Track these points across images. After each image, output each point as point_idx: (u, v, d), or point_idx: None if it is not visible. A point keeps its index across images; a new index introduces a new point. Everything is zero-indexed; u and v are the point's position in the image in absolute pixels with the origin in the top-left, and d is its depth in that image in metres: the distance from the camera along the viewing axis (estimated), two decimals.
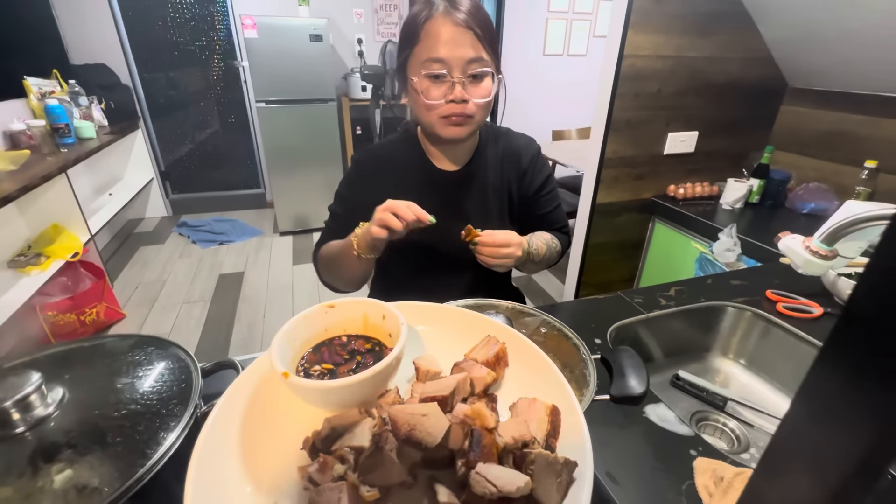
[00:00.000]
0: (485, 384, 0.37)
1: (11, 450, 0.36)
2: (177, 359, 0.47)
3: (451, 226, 0.91)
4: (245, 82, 3.48)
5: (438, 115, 0.80)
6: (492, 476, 0.27)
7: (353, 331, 0.41)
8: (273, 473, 0.31)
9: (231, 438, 0.32)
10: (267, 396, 0.36)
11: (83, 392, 0.41)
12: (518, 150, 0.99)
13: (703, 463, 0.65)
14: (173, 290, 2.62)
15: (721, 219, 1.68)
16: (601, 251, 1.95)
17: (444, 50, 0.74)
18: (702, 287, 1.15)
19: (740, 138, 1.90)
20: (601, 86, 1.65)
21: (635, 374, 0.51)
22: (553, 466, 0.28)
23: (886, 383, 0.12)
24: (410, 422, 0.29)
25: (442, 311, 0.46)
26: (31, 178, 1.85)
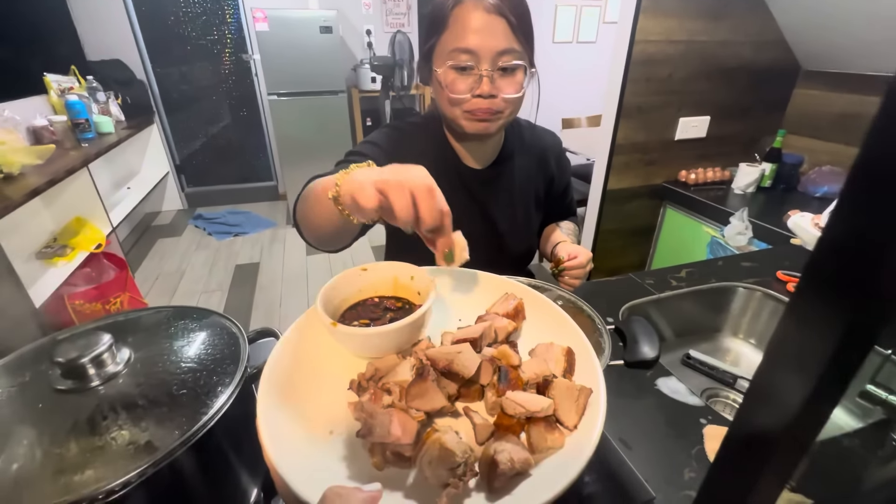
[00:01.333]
0: (506, 332, 0.40)
1: (88, 401, 0.40)
2: (222, 325, 0.51)
3: (476, 228, 0.91)
4: (256, 75, 3.52)
5: (463, 110, 0.75)
6: (520, 399, 0.31)
7: (383, 292, 0.45)
8: (325, 410, 0.35)
9: (286, 381, 0.36)
10: (313, 347, 0.40)
11: (146, 353, 0.45)
12: (544, 151, 0.97)
13: (713, 430, 0.69)
14: (192, 280, 2.69)
15: (732, 203, 1.68)
16: (612, 237, 1.96)
17: (473, 39, 0.68)
18: (713, 269, 1.18)
19: (752, 122, 1.90)
20: (612, 71, 1.66)
21: (648, 340, 0.54)
22: (571, 391, 0.32)
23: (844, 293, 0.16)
24: (448, 357, 0.33)
25: (463, 274, 0.50)
26: (56, 171, 1.92)
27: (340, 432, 0.33)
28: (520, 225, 0.96)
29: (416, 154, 0.85)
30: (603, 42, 4.03)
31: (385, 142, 0.83)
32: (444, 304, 0.48)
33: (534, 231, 1.02)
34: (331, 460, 0.31)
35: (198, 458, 0.42)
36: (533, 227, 1.00)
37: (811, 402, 0.18)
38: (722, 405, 0.99)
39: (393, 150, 0.81)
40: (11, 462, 0.35)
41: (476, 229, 0.92)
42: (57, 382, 0.40)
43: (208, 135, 3.75)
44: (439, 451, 0.27)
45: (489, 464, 0.28)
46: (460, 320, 0.46)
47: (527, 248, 1.01)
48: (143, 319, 0.51)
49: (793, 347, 0.19)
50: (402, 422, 0.29)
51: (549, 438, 0.31)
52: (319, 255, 2.96)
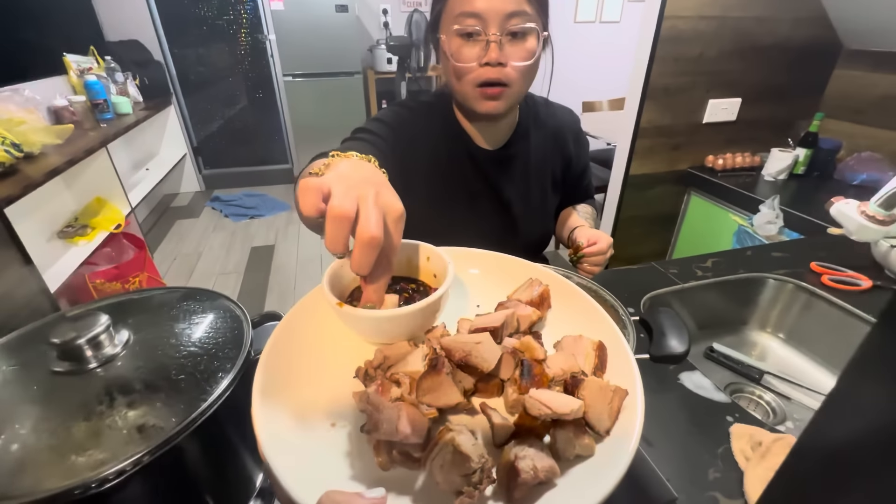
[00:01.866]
0: (530, 322, 0.37)
1: (84, 384, 0.39)
2: (227, 309, 0.49)
3: (488, 211, 0.88)
4: (272, 56, 3.48)
5: (472, 84, 0.70)
6: (545, 399, 0.27)
7: (397, 272, 0.42)
8: (328, 399, 0.32)
9: (287, 366, 0.34)
10: (317, 330, 0.38)
11: (146, 335, 0.44)
12: (561, 129, 0.92)
13: (739, 428, 0.65)
14: (209, 261, 2.72)
15: (762, 190, 1.60)
16: (632, 225, 1.90)
17: (479, 1, 0.64)
18: (741, 259, 1.12)
19: (787, 105, 1.80)
20: (638, 50, 1.57)
21: (676, 333, 0.50)
22: (604, 392, 0.29)
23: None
24: (465, 348, 0.30)
25: (483, 256, 0.46)
26: (76, 151, 1.93)
27: (343, 425, 0.31)
28: (535, 208, 0.92)
29: (424, 133, 0.81)
30: (627, 22, 3.87)
31: (394, 119, 0.79)
32: (462, 287, 0.45)
33: (550, 214, 0.97)
34: (332, 456, 0.28)
35: (199, 444, 0.40)
36: (549, 210, 0.96)
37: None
38: (746, 401, 0.95)
39: (401, 129, 0.78)
40: (6, 445, 0.34)
41: (488, 213, 0.88)
42: (53, 364, 0.38)
43: (225, 116, 3.75)
44: (452, 454, 0.25)
45: (508, 471, 0.25)
46: (478, 306, 0.43)
47: (542, 233, 0.97)
48: (144, 301, 0.49)
49: (890, 355, 0.15)
50: (411, 418, 0.27)
51: (579, 445, 0.27)
52: None
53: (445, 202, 0.84)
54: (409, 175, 0.77)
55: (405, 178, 0.76)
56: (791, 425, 0.90)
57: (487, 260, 0.46)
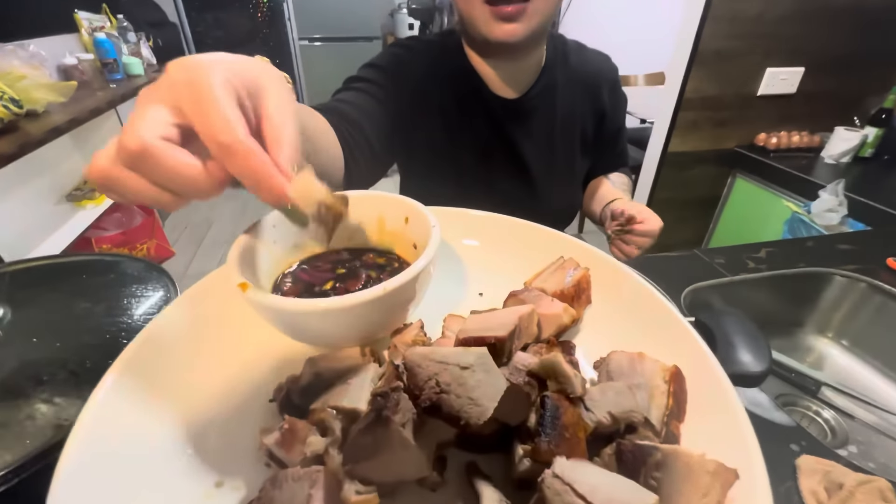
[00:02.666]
0: (559, 326, 0.24)
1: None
2: (156, 286, 0.38)
3: (503, 172, 0.75)
4: (289, 20, 3.34)
5: (482, 0, 0.56)
6: (583, 484, 0.15)
7: (361, 242, 0.29)
8: (224, 436, 0.21)
9: (165, 377, 0.22)
10: (234, 320, 0.26)
11: (32, 313, 0.33)
12: (596, 78, 0.77)
13: (809, 462, 0.51)
14: (219, 231, 2.66)
15: (821, 174, 1.41)
16: (667, 207, 1.71)
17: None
18: (800, 250, 0.96)
19: (857, 77, 1.56)
20: (689, 7, 1.37)
21: (750, 345, 0.37)
22: (696, 475, 0.16)
23: None
24: (442, 378, 0.17)
25: (494, 221, 0.32)
26: (81, 111, 1.86)
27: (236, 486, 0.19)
28: (560, 170, 0.78)
29: (427, 77, 0.67)
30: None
31: (390, 62, 0.67)
32: (460, 265, 0.31)
33: (578, 180, 0.83)
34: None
35: None
36: (577, 174, 0.82)
37: None
38: (800, 416, 0.81)
39: (400, 73, 0.65)
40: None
41: (503, 174, 0.75)
42: None
43: None
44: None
45: None
46: (481, 295, 0.30)
47: (568, 203, 0.83)
48: (52, 269, 0.38)
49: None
50: None
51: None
52: None
53: (451, 160, 0.71)
54: (412, 128, 0.66)
55: (408, 132, 0.64)
56: (854, 449, 0.76)
57: (496, 226, 0.32)
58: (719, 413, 0.21)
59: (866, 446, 0.75)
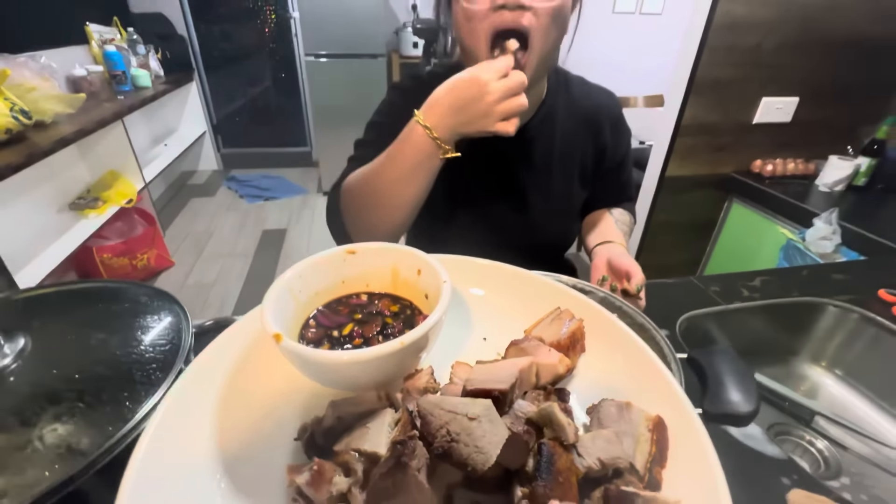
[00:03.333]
0: (555, 375, 0.26)
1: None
2: (168, 314, 0.39)
3: (502, 199, 0.77)
4: (296, 35, 3.40)
5: (485, 34, 0.57)
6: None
7: (377, 287, 0.31)
8: (253, 470, 0.22)
9: (200, 419, 0.24)
10: (259, 364, 0.27)
11: (51, 343, 0.34)
12: (597, 113, 0.79)
13: (800, 496, 0.52)
14: (219, 242, 2.67)
15: (815, 202, 1.43)
16: (664, 231, 1.74)
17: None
18: (795, 279, 0.97)
19: (851, 108, 1.60)
20: (687, 37, 1.41)
21: (740, 384, 0.38)
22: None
23: None
24: (451, 427, 0.19)
25: (498, 271, 0.35)
26: (87, 122, 1.89)
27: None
28: (557, 202, 0.79)
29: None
30: (670, 14, 3.63)
31: (385, 116, 0.74)
32: (466, 311, 0.33)
33: (575, 212, 0.84)
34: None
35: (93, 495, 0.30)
36: (574, 206, 0.83)
37: None
38: (793, 445, 0.82)
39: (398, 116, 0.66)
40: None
41: (499, 204, 0.77)
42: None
43: (246, 95, 3.70)
44: None
45: None
46: (485, 340, 0.31)
47: (564, 233, 0.85)
48: (67, 296, 0.40)
49: None
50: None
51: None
52: None
53: (450, 186, 0.72)
54: None
55: None
56: (847, 481, 0.76)
57: (500, 275, 0.35)
58: (696, 461, 0.22)
59: (859, 478, 0.76)
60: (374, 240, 0.60)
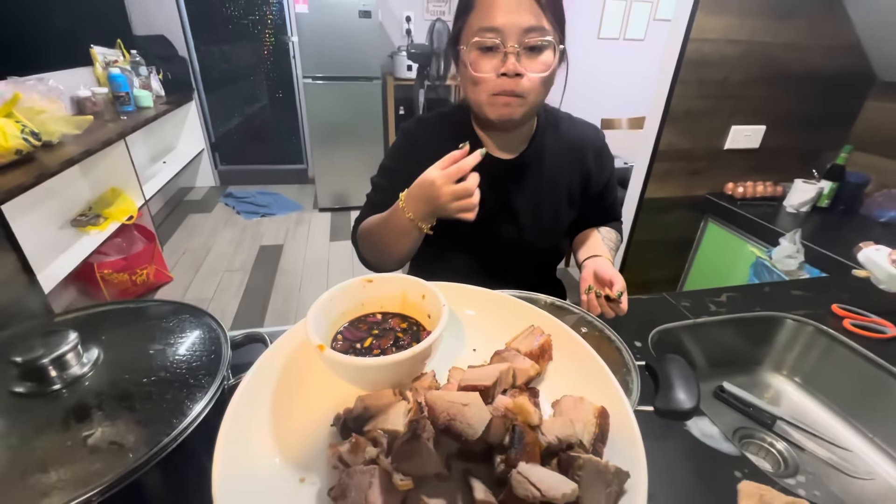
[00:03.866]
0: (527, 377, 0.34)
1: (47, 406, 0.37)
2: (208, 329, 0.47)
3: (498, 219, 0.88)
4: (294, 58, 3.52)
5: (488, 93, 0.71)
6: (535, 478, 0.24)
7: (390, 308, 0.40)
8: (302, 448, 0.30)
9: (261, 410, 0.31)
10: (298, 368, 0.35)
11: (117, 355, 0.42)
12: (581, 143, 0.90)
13: (749, 487, 0.60)
14: (217, 257, 2.73)
15: (783, 222, 1.55)
16: (645, 249, 1.85)
17: (499, 17, 0.66)
18: (758, 295, 1.07)
19: (813, 136, 1.74)
20: (661, 71, 1.54)
21: (685, 386, 0.46)
22: (603, 475, 0.26)
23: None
24: (450, 411, 0.27)
25: (485, 295, 0.43)
26: (93, 142, 1.96)
27: (313, 482, 0.28)
28: (545, 221, 0.90)
29: (434, 145, 0.80)
30: (652, 40, 3.82)
31: (392, 159, 0.87)
32: (459, 327, 0.42)
33: (562, 230, 0.94)
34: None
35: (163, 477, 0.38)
36: (561, 224, 0.93)
37: None
38: (756, 447, 0.90)
39: (403, 158, 0.81)
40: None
41: (497, 222, 0.88)
42: (13, 384, 0.36)
43: (244, 114, 3.79)
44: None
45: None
46: (475, 350, 0.40)
47: (552, 248, 0.95)
48: (123, 313, 0.47)
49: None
50: (383, 488, 0.24)
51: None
52: (343, 242, 2.95)
53: None
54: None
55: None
56: (803, 479, 0.84)
57: (487, 300, 0.43)
58: (627, 439, 0.30)
59: (815, 476, 0.84)
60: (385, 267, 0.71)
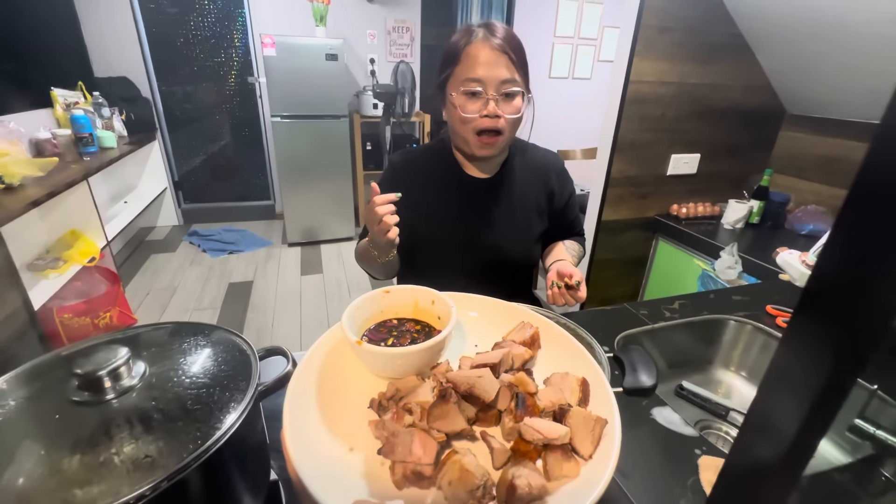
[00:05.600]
0: (523, 360, 0.42)
1: (101, 414, 0.41)
2: (234, 343, 0.52)
3: (477, 229, 1.02)
4: (260, 97, 3.59)
5: (473, 129, 0.87)
6: (538, 426, 0.32)
7: (404, 314, 0.47)
8: (346, 426, 0.36)
9: (309, 397, 0.38)
10: (333, 365, 0.42)
11: (160, 368, 0.46)
12: (545, 166, 1.07)
13: (707, 460, 0.70)
14: (184, 297, 2.66)
15: (722, 238, 1.74)
16: (606, 267, 2.00)
17: (481, 70, 0.83)
18: (704, 301, 1.21)
19: (740, 161, 1.98)
20: (608, 109, 1.73)
21: (645, 369, 0.56)
22: (587, 421, 0.34)
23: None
24: (469, 381, 0.34)
25: (480, 300, 0.52)
26: (57, 184, 1.92)
27: (360, 449, 0.34)
28: (519, 229, 1.03)
29: (423, 168, 1.01)
30: (598, 78, 4.19)
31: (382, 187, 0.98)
32: (462, 329, 0.50)
33: (533, 237, 1.07)
34: (351, 477, 0.32)
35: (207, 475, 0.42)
36: (532, 232, 1.06)
37: (805, 427, 0.20)
38: (715, 437, 1.00)
39: (390, 187, 0.91)
40: (23, 471, 0.36)
41: (477, 230, 1.01)
42: (73, 394, 0.40)
43: (208, 153, 3.79)
44: (459, 472, 0.29)
45: (507, 488, 0.29)
46: (476, 346, 0.47)
47: (525, 252, 1.07)
48: (154, 334, 0.52)
49: (788, 376, 0.21)
50: (423, 441, 0.30)
51: (565, 467, 0.32)
52: (314, 276, 2.95)
53: (441, 220, 1.00)
54: (417, 205, 0.96)
55: (411, 209, 0.91)
56: None
57: (489, 304, 0.52)
58: (602, 398, 0.39)
59: None
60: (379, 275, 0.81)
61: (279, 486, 0.58)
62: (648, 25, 1.57)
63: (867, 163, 0.16)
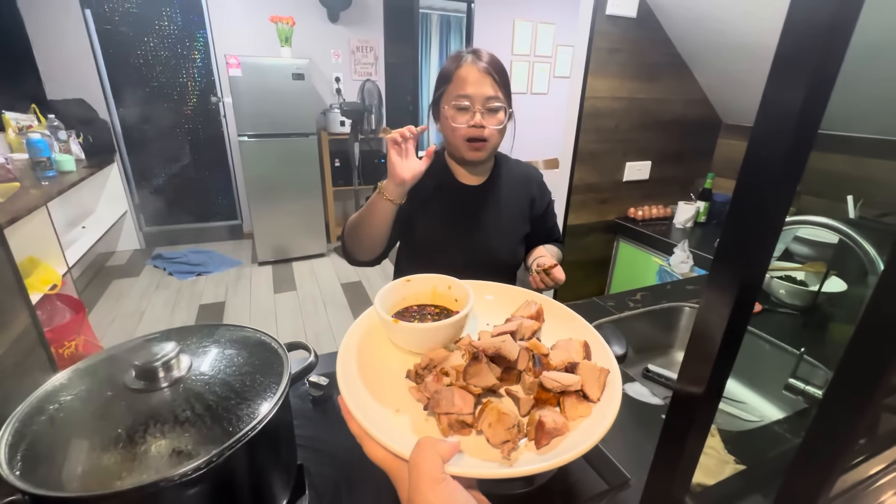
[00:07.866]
0: (532, 330, 0.51)
1: (156, 400, 0.46)
2: (260, 340, 0.58)
3: (468, 231, 1.13)
4: (224, 117, 3.56)
5: (462, 137, 1.00)
6: (555, 376, 0.41)
7: (423, 301, 0.55)
8: (390, 393, 0.43)
9: (353, 372, 0.45)
10: (370, 345, 0.49)
11: (203, 362, 0.52)
12: (527, 176, 1.20)
13: None
14: (153, 321, 2.59)
15: (675, 236, 1.92)
16: (574, 268, 2.14)
17: (469, 88, 0.97)
18: (662, 292, 1.35)
19: (686, 167, 2.19)
20: (567, 123, 1.88)
21: (616, 341, 0.66)
22: (594, 371, 0.43)
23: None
24: (495, 345, 0.43)
25: (490, 286, 0.61)
26: (18, 210, 1.87)
27: (406, 411, 0.41)
28: (506, 231, 1.15)
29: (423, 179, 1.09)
30: (554, 93, 4.44)
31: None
32: (481, 307, 0.58)
33: (518, 238, 1.19)
34: (402, 432, 0.39)
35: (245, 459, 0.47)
36: (518, 234, 1.18)
37: (721, 354, 0.29)
38: None
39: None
40: (97, 444, 0.41)
41: (469, 230, 1.13)
42: (131, 382, 0.46)
43: (171, 174, 3.70)
44: (497, 414, 0.37)
45: (537, 425, 0.37)
46: (488, 324, 0.56)
47: (512, 253, 1.18)
48: (192, 332, 0.57)
49: (709, 315, 0.30)
50: (462, 395, 0.38)
51: (580, 408, 0.40)
52: (287, 294, 2.94)
53: (439, 221, 1.12)
54: (415, 207, 1.07)
55: (414, 210, 1.06)
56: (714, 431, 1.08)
57: (502, 289, 0.61)
58: (602, 354, 0.48)
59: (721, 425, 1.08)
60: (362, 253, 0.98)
61: (303, 470, 0.64)
62: (599, 48, 1.74)
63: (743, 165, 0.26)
